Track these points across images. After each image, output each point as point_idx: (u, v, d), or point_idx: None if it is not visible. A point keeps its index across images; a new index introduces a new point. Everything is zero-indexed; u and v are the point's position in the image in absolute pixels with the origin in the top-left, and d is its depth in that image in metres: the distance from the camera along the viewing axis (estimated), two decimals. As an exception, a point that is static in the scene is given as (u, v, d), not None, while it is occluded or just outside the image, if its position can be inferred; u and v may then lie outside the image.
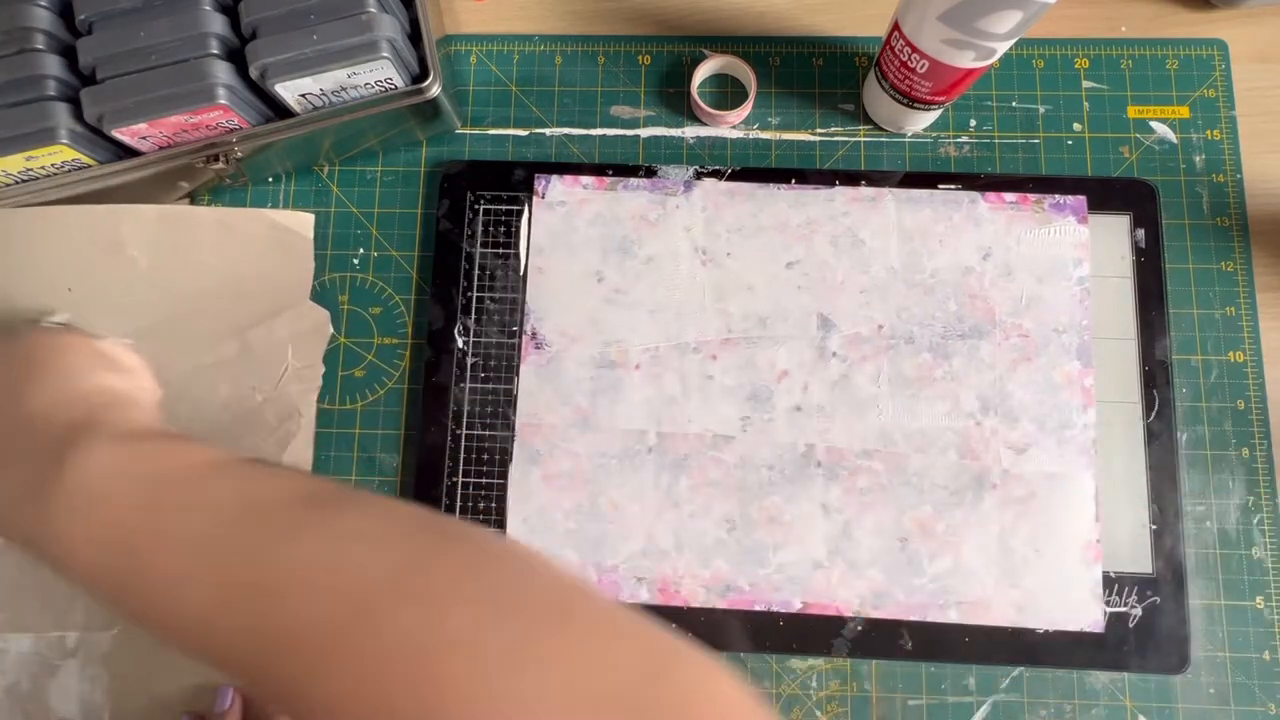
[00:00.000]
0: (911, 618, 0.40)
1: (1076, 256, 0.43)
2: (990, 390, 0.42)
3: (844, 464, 0.42)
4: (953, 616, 0.40)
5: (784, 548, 0.41)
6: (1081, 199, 0.44)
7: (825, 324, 0.43)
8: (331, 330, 0.45)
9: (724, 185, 0.45)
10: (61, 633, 0.41)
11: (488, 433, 0.43)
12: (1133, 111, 0.46)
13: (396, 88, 0.41)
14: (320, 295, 0.46)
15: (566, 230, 0.45)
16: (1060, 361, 0.42)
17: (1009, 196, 0.44)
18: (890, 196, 0.44)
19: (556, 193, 0.45)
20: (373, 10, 0.38)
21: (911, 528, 0.41)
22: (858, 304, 0.44)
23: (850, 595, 0.41)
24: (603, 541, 0.42)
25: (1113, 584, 0.40)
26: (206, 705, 0.40)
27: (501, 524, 0.42)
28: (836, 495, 0.42)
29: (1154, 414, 0.42)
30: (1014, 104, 0.47)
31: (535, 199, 0.45)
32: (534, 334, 0.44)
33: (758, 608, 0.41)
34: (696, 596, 0.41)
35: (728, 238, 0.44)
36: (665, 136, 0.47)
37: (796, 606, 0.41)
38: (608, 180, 0.45)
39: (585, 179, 0.45)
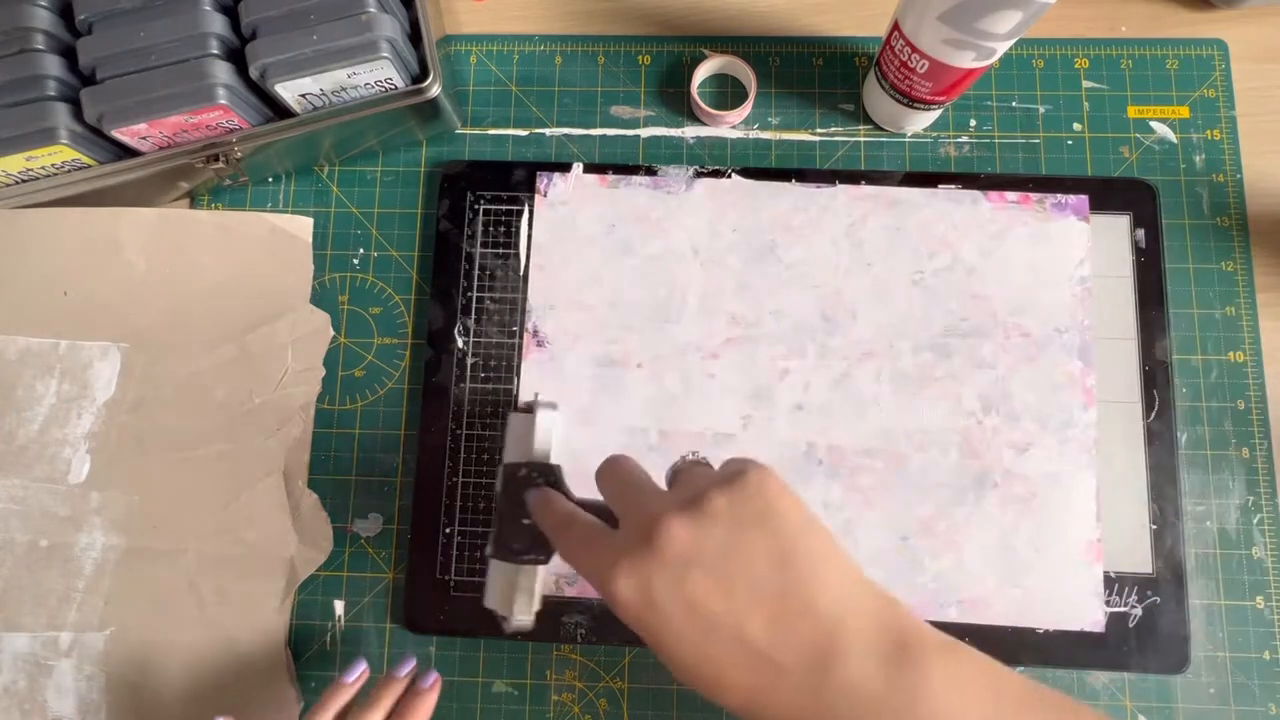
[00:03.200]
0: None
1: (1078, 256, 0.43)
2: (991, 389, 0.42)
3: (845, 462, 0.42)
4: (953, 615, 0.40)
5: (785, 547, 0.41)
6: (1083, 198, 0.44)
7: (826, 322, 0.43)
8: (332, 332, 0.45)
9: (725, 184, 0.45)
10: (56, 632, 0.41)
11: (488, 433, 0.43)
12: (1133, 111, 0.46)
13: (396, 88, 0.41)
14: (320, 295, 0.46)
15: (569, 228, 0.45)
16: (1061, 361, 0.42)
17: (1010, 196, 0.44)
18: (892, 195, 0.44)
19: (559, 191, 0.45)
20: (373, 10, 0.38)
21: (913, 526, 0.41)
22: (859, 302, 0.43)
23: (851, 595, 0.41)
24: (603, 541, 0.42)
25: (1113, 583, 0.40)
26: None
27: (502, 524, 0.42)
28: (838, 493, 0.42)
29: (1154, 414, 0.42)
30: (1014, 104, 0.47)
31: (538, 197, 0.45)
32: (535, 332, 0.44)
33: (758, 608, 0.41)
34: (697, 596, 0.41)
35: (729, 236, 0.44)
36: (665, 136, 0.47)
37: (797, 606, 0.41)
38: (610, 178, 0.45)
39: (587, 177, 0.45)
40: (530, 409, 0.37)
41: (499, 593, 0.35)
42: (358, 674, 0.39)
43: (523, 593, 0.35)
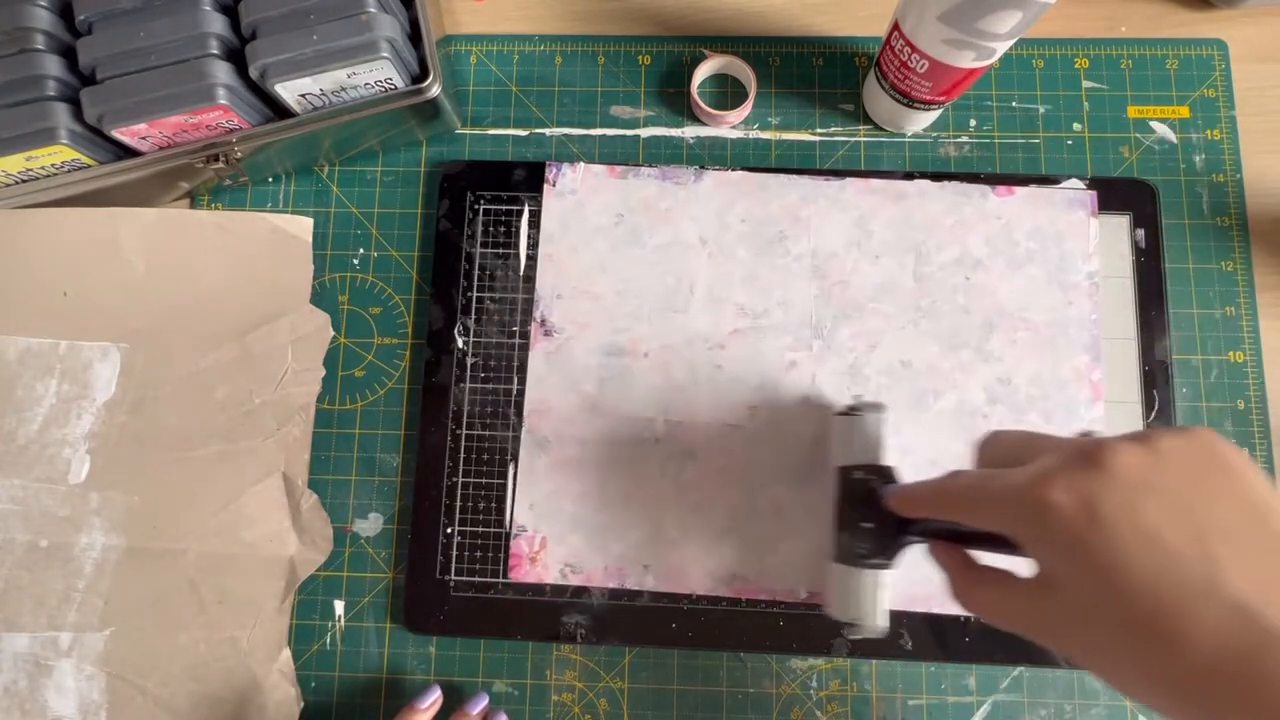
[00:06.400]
0: (917, 609, 0.40)
1: (1085, 250, 0.43)
2: (997, 383, 0.42)
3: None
4: (961, 610, 0.40)
5: (790, 537, 0.41)
6: (1092, 193, 0.44)
7: (834, 314, 0.43)
8: (332, 332, 0.45)
9: (734, 175, 0.45)
10: (56, 632, 0.41)
11: (488, 433, 0.43)
12: (1133, 111, 0.46)
13: (396, 88, 0.41)
14: (320, 295, 0.46)
15: (577, 218, 0.45)
16: (1068, 355, 0.42)
17: (1019, 190, 0.44)
18: (900, 188, 0.44)
19: (568, 181, 0.45)
20: (372, 10, 0.38)
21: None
22: (867, 295, 0.44)
23: (856, 587, 0.41)
24: (609, 528, 0.42)
25: (1114, 583, 0.40)
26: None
27: (502, 521, 0.42)
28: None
29: (1154, 414, 0.42)
30: (1014, 104, 0.47)
31: (546, 187, 0.45)
32: (543, 321, 0.44)
33: (763, 597, 0.41)
34: (702, 584, 0.41)
35: (738, 227, 0.44)
36: (665, 136, 0.47)
37: (802, 595, 0.41)
38: (619, 169, 0.45)
39: (596, 167, 0.45)
40: (854, 411, 0.37)
41: (847, 600, 0.34)
42: (431, 700, 0.40)
43: (872, 598, 0.34)
